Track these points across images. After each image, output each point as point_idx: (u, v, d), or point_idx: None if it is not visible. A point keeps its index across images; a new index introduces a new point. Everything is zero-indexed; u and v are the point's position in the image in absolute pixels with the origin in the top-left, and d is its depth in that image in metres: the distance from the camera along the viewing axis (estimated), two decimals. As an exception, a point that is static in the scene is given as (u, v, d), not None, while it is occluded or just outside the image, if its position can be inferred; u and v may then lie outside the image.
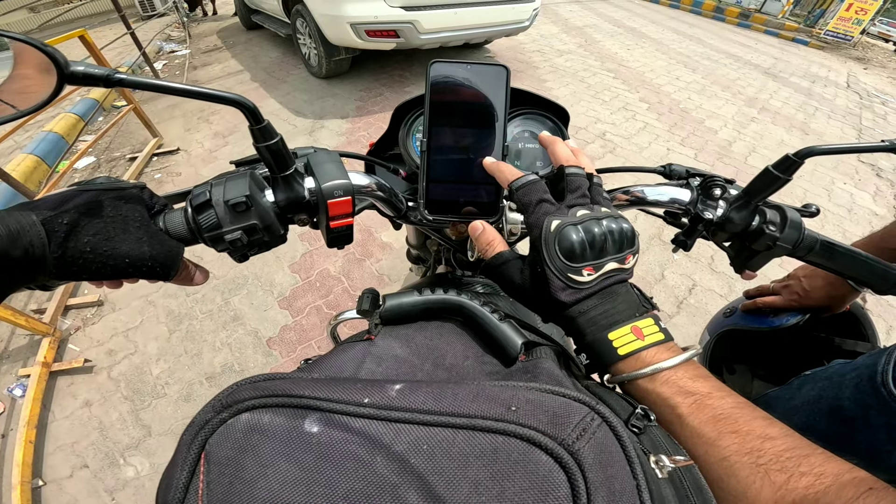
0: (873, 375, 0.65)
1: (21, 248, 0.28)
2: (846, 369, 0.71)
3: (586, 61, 5.25)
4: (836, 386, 0.71)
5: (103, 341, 1.82)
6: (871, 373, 0.66)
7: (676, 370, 0.32)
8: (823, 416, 0.71)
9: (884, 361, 0.65)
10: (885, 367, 0.65)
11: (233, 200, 0.36)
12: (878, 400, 0.64)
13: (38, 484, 1.39)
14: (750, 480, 0.26)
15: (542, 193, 0.38)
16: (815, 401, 0.73)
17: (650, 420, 0.30)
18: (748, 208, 0.47)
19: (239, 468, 0.22)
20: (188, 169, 2.89)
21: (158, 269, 0.35)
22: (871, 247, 0.72)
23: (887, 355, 0.66)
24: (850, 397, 0.68)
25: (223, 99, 0.31)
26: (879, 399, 0.64)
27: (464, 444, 0.21)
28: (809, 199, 3.03)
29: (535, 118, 0.61)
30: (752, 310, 0.84)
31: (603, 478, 0.20)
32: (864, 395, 0.66)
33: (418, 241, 0.90)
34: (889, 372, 0.64)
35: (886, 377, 0.64)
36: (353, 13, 3.15)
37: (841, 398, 0.69)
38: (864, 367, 0.68)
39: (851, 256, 0.47)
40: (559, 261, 0.34)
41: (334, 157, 0.43)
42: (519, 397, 0.24)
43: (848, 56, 8.08)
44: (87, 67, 0.26)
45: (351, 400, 0.24)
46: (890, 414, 0.64)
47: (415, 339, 0.40)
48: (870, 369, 0.67)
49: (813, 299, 0.76)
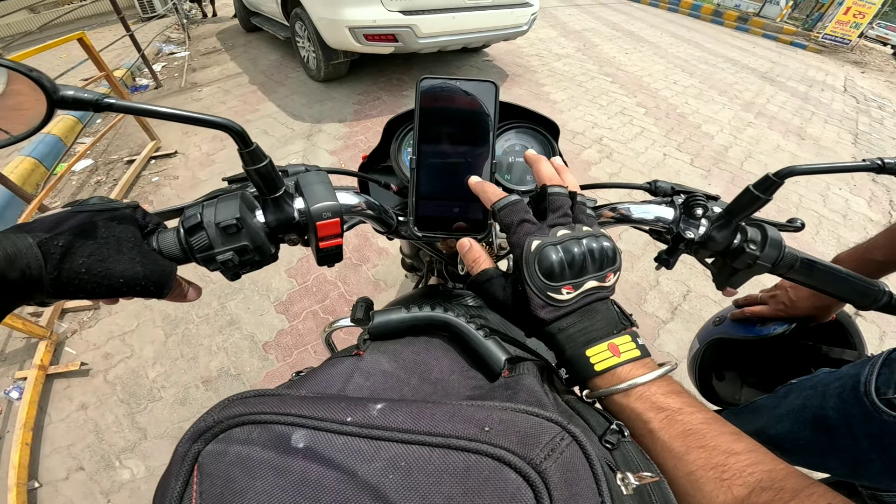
0: (857, 385, 0.66)
1: (18, 271, 0.29)
2: (831, 378, 0.72)
3: (584, 65, 5.27)
4: (820, 395, 0.72)
5: (100, 345, 1.83)
6: (855, 382, 0.67)
7: (650, 386, 0.33)
8: (808, 424, 0.72)
9: (867, 371, 0.66)
10: (868, 377, 0.66)
11: (224, 223, 0.36)
12: (861, 409, 0.65)
13: (34, 486, 1.40)
14: (714, 495, 0.27)
15: (524, 213, 0.39)
16: (799, 409, 0.74)
17: (624, 436, 0.31)
18: (729, 227, 0.47)
19: (230, 480, 0.23)
20: (186, 172, 2.90)
21: (152, 287, 0.36)
22: (856, 258, 0.73)
23: (871, 365, 0.67)
24: (834, 406, 0.69)
25: (212, 123, 0.32)
26: (862, 409, 0.65)
27: (439, 461, 0.22)
28: (805, 204, 3.05)
29: (525, 132, 0.62)
30: (740, 319, 0.85)
31: (568, 495, 0.21)
32: (848, 404, 0.67)
33: (411, 252, 0.91)
34: (872, 382, 0.65)
35: (870, 387, 0.65)
36: (351, 17, 3.17)
37: (825, 407, 0.70)
38: (848, 377, 0.69)
39: (831, 274, 0.48)
40: (539, 279, 0.35)
41: (323, 178, 0.43)
42: (493, 417, 0.25)
43: (845, 60, 8.13)
44: (77, 92, 0.27)
45: (334, 418, 0.25)
46: (872, 423, 0.64)
47: (402, 354, 0.41)
48: (853, 379, 0.68)
49: (799, 309, 0.77)
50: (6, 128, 0.29)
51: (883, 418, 0.63)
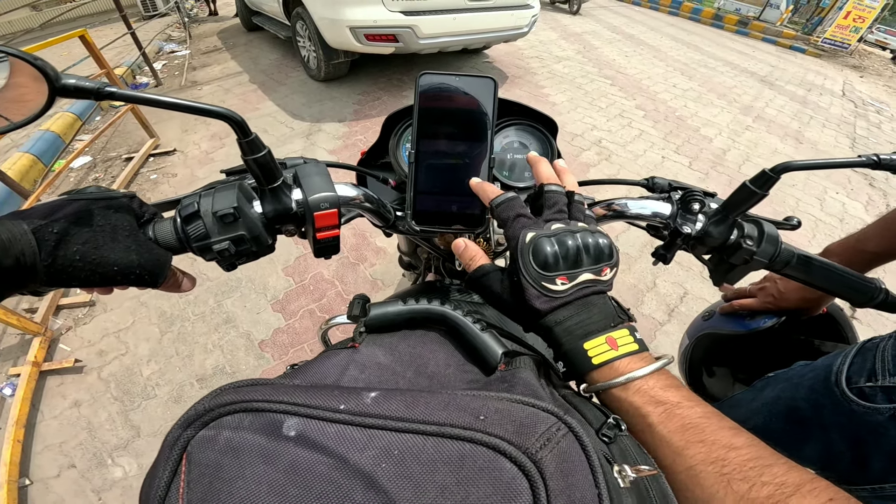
0: (828, 375, 0.66)
1: (12, 257, 0.29)
2: (805, 370, 0.71)
3: (584, 68, 5.29)
4: (794, 387, 0.71)
5: (94, 342, 1.81)
6: (827, 373, 0.66)
7: (648, 380, 0.33)
8: (780, 416, 0.72)
9: (840, 361, 0.66)
10: (840, 367, 0.65)
11: (221, 212, 0.36)
12: (831, 400, 0.65)
13: (25, 483, 1.39)
14: (714, 490, 0.27)
15: (520, 209, 0.39)
16: (773, 402, 0.74)
17: (621, 429, 0.31)
18: (726, 223, 0.47)
19: (219, 469, 0.22)
20: (184, 170, 2.89)
21: (147, 276, 0.36)
22: (848, 249, 0.73)
23: (844, 355, 0.66)
24: (805, 398, 0.69)
25: (212, 113, 0.32)
26: (832, 399, 0.64)
27: (433, 450, 0.22)
28: (802, 207, 3.06)
29: (524, 129, 0.62)
30: (729, 313, 0.85)
31: (564, 486, 0.21)
32: (818, 395, 0.67)
33: (409, 249, 0.91)
34: (843, 371, 0.64)
35: (840, 377, 0.64)
36: (352, 17, 3.17)
37: (796, 398, 0.70)
38: (821, 368, 0.69)
39: (828, 270, 0.48)
40: (533, 269, 0.35)
41: (321, 170, 0.43)
42: (488, 407, 0.24)
43: (844, 64, 8.17)
44: (78, 80, 0.27)
45: (327, 406, 0.25)
46: (841, 414, 0.64)
47: (398, 347, 0.41)
48: (826, 370, 0.67)
49: (788, 301, 0.77)
50: (7, 115, 0.30)
51: (852, 408, 0.62)
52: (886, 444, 0.60)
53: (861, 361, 0.63)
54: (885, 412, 0.59)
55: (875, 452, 0.61)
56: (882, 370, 0.61)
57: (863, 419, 0.61)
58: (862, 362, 0.63)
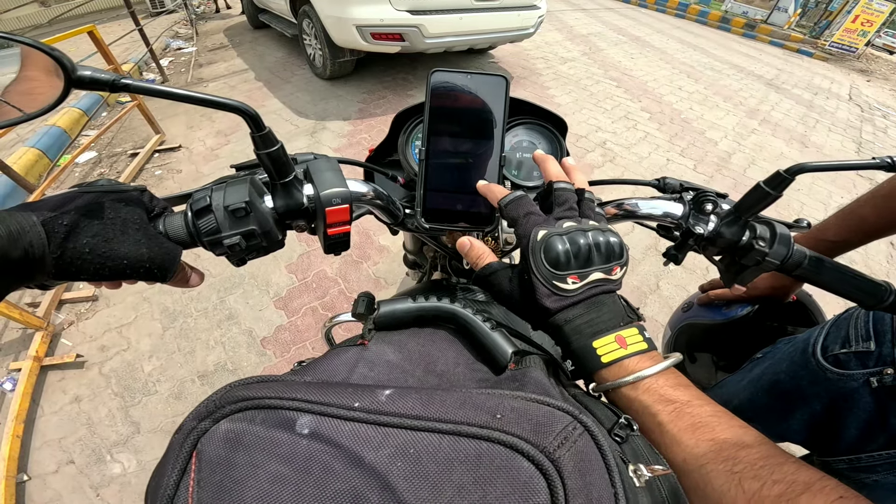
0: (805, 348, 0.69)
1: (21, 249, 0.29)
2: (787, 346, 0.74)
3: (590, 69, 5.28)
4: (776, 362, 0.74)
5: (96, 337, 1.81)
6: (805, 346, 0.69)
7: (657, 378, 0.32)
8: (764, 391, 0.75)
9: (816, 333, 0.69)
10: (816, 338, 0.68)
11: (232, 206, 0.36)
12: (808, 371, 0.67)
13: (23, 478, 1.38)
14: (725, 488, 0.26)
15: (530, 207, 0.39)
16: (757, 378, 0.77)
17: (633, 429, 0.31)
18: (738, 223, 0.47)
19: (230, 467, 0.22)
20: (189, 167, 2.90)
21: (156, 270, 0.36)
22: (810, 238, 0.75)
23: (821, 328, 0.69)
24: (786, 370, 0.71)
25: (226, 106, 0.31)
26: (809, 370, 0.67)
27: (449, 449, 0.21)
28: (807, 212, 3.04)
29: (534, 128, 0.62)
30: (706, 303, 0.88)
31: (581, 485, 0.20)
32: (797, 366, 0.69)
33: (415, 247, 0.90)
34: (819, 342, 0.67)
35: (815, 347, 0.67)
36: (359, 15, 3.17)
37: (778, 372, 0.73)
38: (800, 342, 0.71)
39: (839, 272, 0.47)
40: (545, 268, 0.35)
41: (333, 165, 0.43)
42: (504, 405, 0.24)
43: (851, 68, 8.12)
44: (94, 72, 0.27)
45: (341, 404, 0.24)
46: (818, 383, 0.66)
47: (407, 345, 0.40)
48: (804, 343, 0.70)
49: (758, 289, 0.79)
50: (20, 106, 0.29)
51: (827, 376, 0.64)
52: (861, 412, 0.61)
53: (836, 331, 0.66)
54: (858, 378, 0.61)
55: (852, 421, 0.63)
56: (855, 336, 0.63)
57: (837, 387, 0.63)
58: (836, 332, 0.66)
